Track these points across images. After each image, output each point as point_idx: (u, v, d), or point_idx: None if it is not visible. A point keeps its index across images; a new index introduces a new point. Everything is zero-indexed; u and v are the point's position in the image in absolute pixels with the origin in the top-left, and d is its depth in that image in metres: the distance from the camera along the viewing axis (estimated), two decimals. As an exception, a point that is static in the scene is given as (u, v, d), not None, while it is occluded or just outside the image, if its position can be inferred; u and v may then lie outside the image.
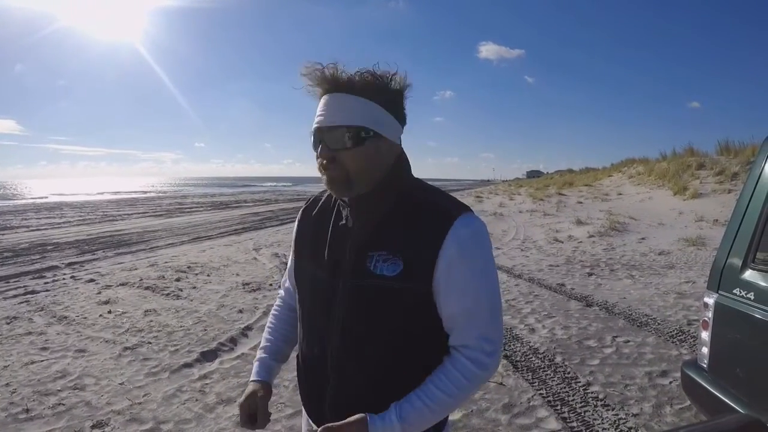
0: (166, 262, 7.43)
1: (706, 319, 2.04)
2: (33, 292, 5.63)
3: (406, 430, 0.87)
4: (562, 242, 8.90)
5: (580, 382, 3.06)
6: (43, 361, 3.52)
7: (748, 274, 1.90)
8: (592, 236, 9.14)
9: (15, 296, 5.45)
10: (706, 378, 2.04)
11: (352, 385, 0.94)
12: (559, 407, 2.75)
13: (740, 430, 0.50)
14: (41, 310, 4.86)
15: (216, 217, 16.89)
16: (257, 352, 1.15)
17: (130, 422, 2.66)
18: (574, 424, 2.57)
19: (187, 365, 3.42)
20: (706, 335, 2.04)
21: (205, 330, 4.16)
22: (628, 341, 3.75)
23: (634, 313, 4.46)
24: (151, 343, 3.85)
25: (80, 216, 17.17)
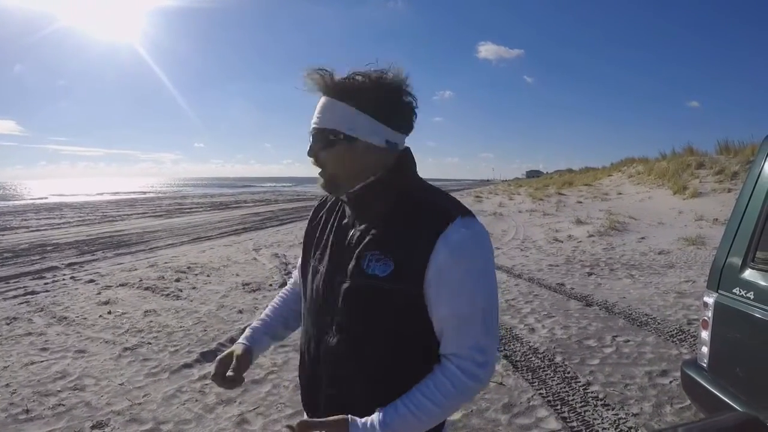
0: (166, 263, 7.43)
1: (706, 318, 2.04)
2: (33, 293, 5.63)
3: None
4: (562, 242, 8.90)
5: (580, 382, 3.06)
6: (42, 362, 3.51)
7: (748, 274, 1.90)
8: (591, 236, 9.14)
9: (15, 297, 5.44)
10: (706, 377, 2.04)
11: (344, 385, 0.94)
12: (559, 407, 2.75)
13: (738, 428, 0.50)
14: (41, 311, 4.86)
15: (216, 217, 16.90)
16: (253, 321, 1.18)
17: (130, 423, 2.66)
18: (574, 424, 2.57)
19: (187, 366, 3.42)
20: (705, 335, 2.04)
21: (205, 330, 4.16)
22: (628, 341, 3.76)
23: (634, 313, 4.46)
24: (150, 344, 3.85)
25: (80, 216, 17.17)
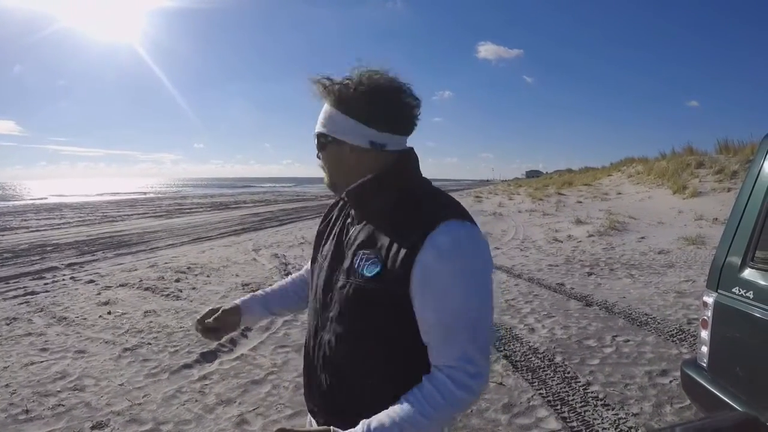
0: (166, 263, 7.43)
1: (706, 318, 2.04)
2: (33, 293, 5.63)
3: None
4: (562, 242, 8.90)
5: (580, 382, 3.06)
6: (42, 362, 3.51)
7: (747, 273, 1.90)
8: (591, 236, 9.14)
9: (15, 297, 5.44)
10: (706, 377, 2.04)
11: (336, 382, 0.95)
12: (559, 407, 2.75)
13: (737, 427, 0.50)
14: (41, 311, 4.85)
15: (216, 217, 16.89)
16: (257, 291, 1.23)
17: (130, 423, 2.65)
18: (574, 424, 2.57)
19: (187, 366, 3.42)
20: (705, 334, 2.04)
21: (205, 331, 4.16)
22: (628, 340, 3.76)
23: (633, 313, 4.46)
24: (150, 344, 3.84)
25: (80, 217, 17.16)
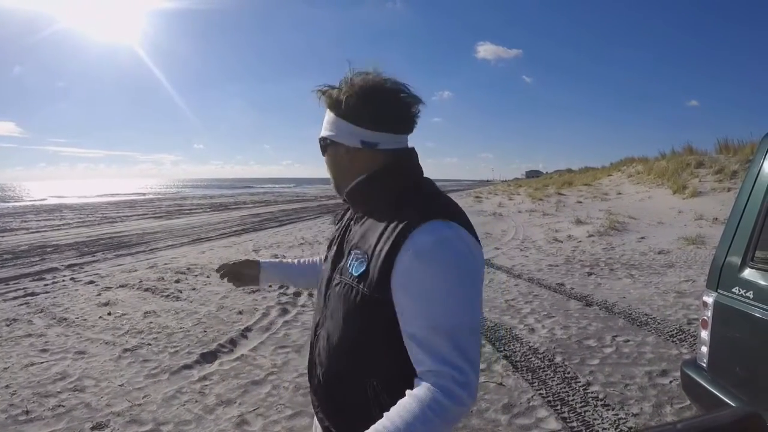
0: (166, 264, 7.42)
1: (706, 318, 2.04)
2: (33, 294, 5.62)
3: None
4: (562, 242, 8.90)
5: (580, 382, 3.06)
6: (42, 363, 3.51)
7: (747, 273, 1.90)
8: (591, 236, 9.14)
9: (15, 298, 5.44)
10: (706, 377, 2.04)
11: (327, 378, 0.97)
12: (559, 407, 2.75)
13: (737, 423, 0.50)
14: (41, 312, 4.85)
15: (215, 218, 16.88)
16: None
17: (130, 423, 2.65)
18: (574, 424, 2.57)
19: (187, 366, 3.42)
20: (705, 334, 2.04)
21: (205, 331, 4.16)
22: (628, 341, 3.76)
23: (633, 313, 4.46)
24: (150, 345, 3.84)
25: (79, 218, 17.16)
